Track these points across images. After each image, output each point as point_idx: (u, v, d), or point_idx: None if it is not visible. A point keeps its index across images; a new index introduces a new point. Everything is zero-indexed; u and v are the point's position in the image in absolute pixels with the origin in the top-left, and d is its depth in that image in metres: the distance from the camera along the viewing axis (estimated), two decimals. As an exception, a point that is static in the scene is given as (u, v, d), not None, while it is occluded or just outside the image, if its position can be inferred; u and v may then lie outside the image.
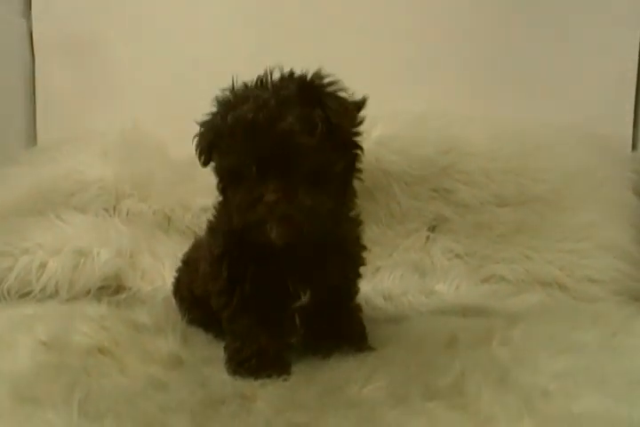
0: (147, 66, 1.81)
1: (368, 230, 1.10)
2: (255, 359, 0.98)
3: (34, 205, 1.54)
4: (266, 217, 0.88)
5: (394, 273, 1.48)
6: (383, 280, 1.47)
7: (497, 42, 1.70)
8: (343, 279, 1.06)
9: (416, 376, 0.93)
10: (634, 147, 1.68)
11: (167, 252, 1.52)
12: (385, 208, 1.54)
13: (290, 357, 1.02)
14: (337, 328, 1.07)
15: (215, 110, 0.96)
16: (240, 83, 0.96)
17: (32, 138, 1.89)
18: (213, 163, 0.96)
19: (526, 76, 1.69)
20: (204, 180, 1.48)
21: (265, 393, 0.89)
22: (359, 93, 0.96)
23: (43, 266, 1.41)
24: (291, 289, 0.99)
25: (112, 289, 1.45)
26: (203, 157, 0.96)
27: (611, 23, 1.65)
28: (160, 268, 1.50)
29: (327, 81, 0.94)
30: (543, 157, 1.54)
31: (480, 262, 1.48)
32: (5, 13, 1.83)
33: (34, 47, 1.87)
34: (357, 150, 0.97)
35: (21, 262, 1.41)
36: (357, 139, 0.97)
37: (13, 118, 1.86)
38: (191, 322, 1.19)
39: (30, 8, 1.85)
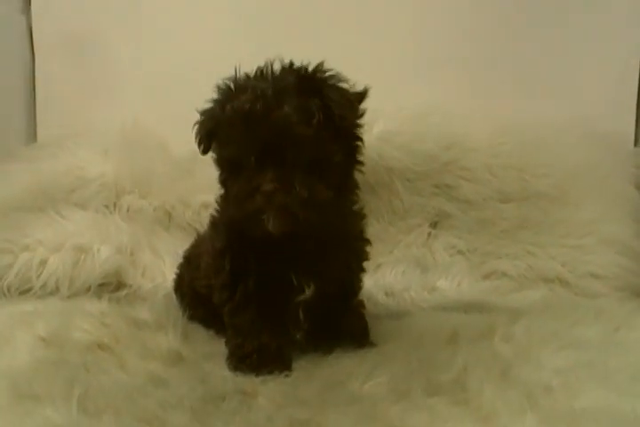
0: (147, 62, 1.80)
1: (370, 226, 1.10)
2: (256, 355, 0.97)
3: (34, 202, 1.53)
4: (263, 207, 0.88)
5: (396, 269, 1.48)
6: (385, 276, 1.47)
7: (499, 38, 1.68)
8: (347, 273, 1.05)
9: (418, 372, 0.93)
10: (636, 142, 1.67)
11: (168, 248, 1.52)
12: (387, 204, 1.54)
13: (291, 353, 1.01)
14: (340, 324, 1.07)
15: (215, 98, 0.97)
16: (242, 73, 0.96)
17: (32, 134, 1.88)
18: (214, 154, 0.96)
19: (528, 72, 1.67)
20: (205, 176, 1.49)
21: (266, 389, 0.89)
22: (361, 87, 0.96)
23: (43, 263, 1.41)
24: (294, 282, 0.99)
25: (112, 286, 1.45)
26: (202, 146, 0.97)
27: (614, 17, 1.64)
28: (161, 264, 1.49)
29: (329, 73, 0.94)
30: (545, 153, 1.54)
31: (482, 258, 1.48)
32: (5, 10, 1.82)
33: (34, 43, 1.86)
34: (358, 142, 0.97)
35: (22, 259, 1.41)
36: (358, 130, 0.96)
37: (13, 114, 1.85)
38: (192, 318, 1.18)
39: (30, 4, 1.84)
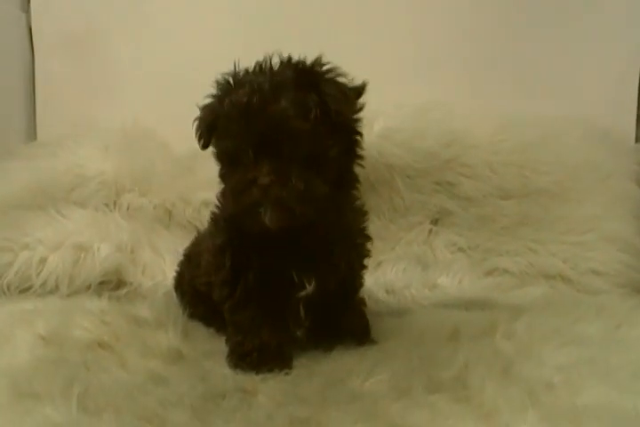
0: (147, 60, 1.80)
1: (370, 224, 1.09)
2: (257, 353, 0.97)
3: (34, 200, 1.53)
4: (259, 200, 0.88)
5: (396, 266, 1.48)
6: (386, 273, 1.47)
7: (499, 38, 1.68)
8: (348, 270, 1.05)
9: (419, 369, 0.92)
10: (637, 139, 1.66)
11: (168, 246, 1.52)
12: (388, 201, 1.54)
13: (291, 350, 1.01)
14: (340, 321, 1.06)
15: (214, 93, 0.97)
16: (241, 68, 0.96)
17: (32, 133, 1.88)
18: (213, 148, 0.96)
19: (528, 72, 1.67)
20: (205, 174, 1.49)
21: (266, 387, 0.88)
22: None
23: (43, 261, 1.41)
24: (295, 279, 0.98)
25: (113, 284, 1.45)
26: (202, 140, 0.97)
27: (614, 17, 1.63)
28: (161, 262, 1.49)
29: (326, 67, 0.94)
30: (546, 150, 1.53)
31: (483, 255, 1.48)
32: (5, 9, 1.81)
33: (34, 43, 1.86)
34: (357, 136, 0.97)
35: (21, 257, 1.40)
36: (356, 124, 0.96)
37: (13, 113, 1.85)
38: (192, 316, 1.18)
39: (30, 4, 1.84)
